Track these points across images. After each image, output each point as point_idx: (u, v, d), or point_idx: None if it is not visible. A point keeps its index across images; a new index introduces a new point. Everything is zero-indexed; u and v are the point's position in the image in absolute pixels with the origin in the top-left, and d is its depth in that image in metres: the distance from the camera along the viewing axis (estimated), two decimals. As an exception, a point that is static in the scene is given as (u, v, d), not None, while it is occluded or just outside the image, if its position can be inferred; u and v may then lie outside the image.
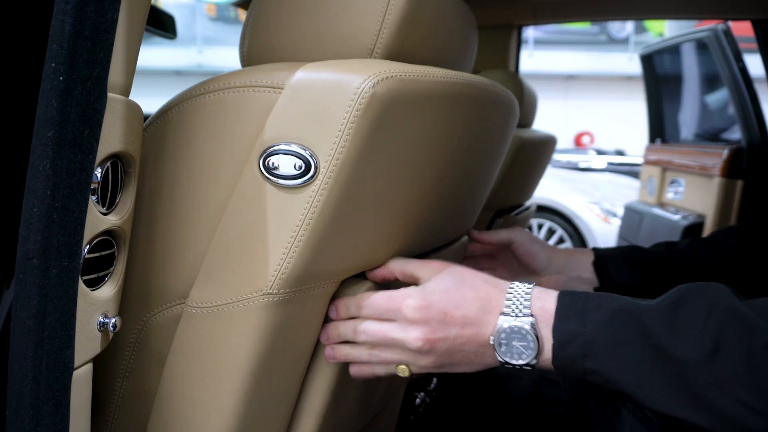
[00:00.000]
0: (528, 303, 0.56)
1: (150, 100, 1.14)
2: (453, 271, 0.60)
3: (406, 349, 0.58)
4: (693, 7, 1.88)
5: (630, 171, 7.12)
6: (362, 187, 0.54)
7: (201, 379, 0.57)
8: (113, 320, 0.51)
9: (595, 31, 11.91)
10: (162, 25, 1.78)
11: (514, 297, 0.57)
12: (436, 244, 0.77)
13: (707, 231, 2.24)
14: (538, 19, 2.01)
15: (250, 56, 0.61)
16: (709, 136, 2.72)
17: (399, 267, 0.63)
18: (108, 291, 0.52)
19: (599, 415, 0.80)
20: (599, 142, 12.22)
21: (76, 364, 0.47)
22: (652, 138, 2.96)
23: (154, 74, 10.07)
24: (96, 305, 0.50)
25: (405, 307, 0.57)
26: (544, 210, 4.13)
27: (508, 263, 0.93)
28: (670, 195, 2.66)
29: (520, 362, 0.56)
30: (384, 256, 0.64)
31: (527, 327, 0.55)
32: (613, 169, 8.11)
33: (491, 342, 0.57)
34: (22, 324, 0.44)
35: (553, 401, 0.88)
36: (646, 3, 1.91)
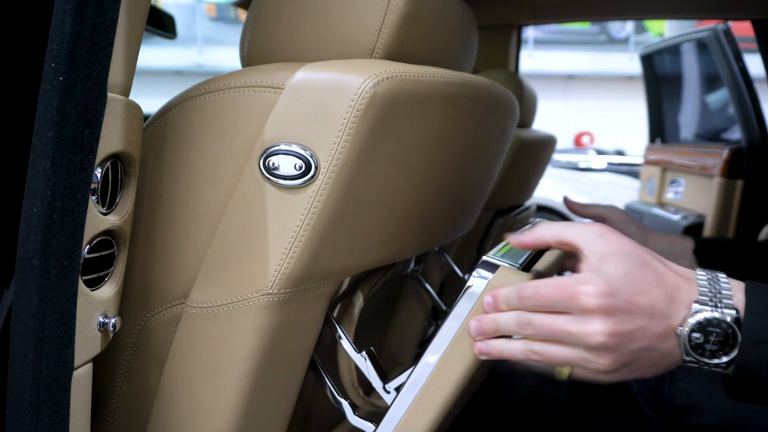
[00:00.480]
0: (729, 293, 0.48)
1: (150, 100, 1.14)
2: (628, 247, 0.50)
3: (582, 346, 0.49)
4: (693, 7, 1.88)
5: (630, 171, 7.11)
6: (362, 187, 0.54)
7: (201, 379, 0.57)
8: (113, 320, 0.51)
9: (595, 31, 11.90)
10: (162, 25, 1.78)
11: (710, 285, 0.49)
12: (436, 244, 0.77)
13: (707, 231, 2.24)
14: (538, 19, 2.01)
15: (250, 56, 0.61)
16: (709, 136, 2.72)
17: (554, 233, 0.53)
18: (108, 291, 0.52)
19: (598, 414, 0.80)
20: (599, 142, 12.22)
21: (76, 364, 0.47)
22: (652, 138, 2.96)
23: (154, 74, 10.06)
24: (96, 305, 0.50)
25: (582, 295, 0.48)
26: (544, 210, 4.13)
27: None
28: (670, 195, 2.66)
29: (714, 361, 0.48)
30: (384, 256, 0.64)
31: (729, 320, 0.47)
32: (613, 169, 8.11)
33: (680, 337, 0.48)
34: (22, 324, 0.44)
35: (552, 401, 0.88)
36: (646, 3, 1.91)
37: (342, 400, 0.67)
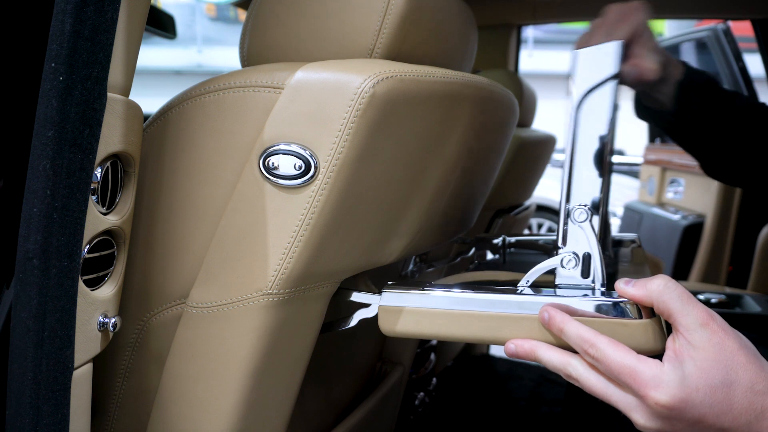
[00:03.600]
0: None
1: (150, 100, 1.14)
2: (726, 355, 0.45)
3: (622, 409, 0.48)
4: (693, 7, 1.88)
5: (630, 171, 7.11)
6: (362, 187, 0.54)
7: (201, 379, 0.57)
8: (113, 320, 0.51)
9: (595, 31, 11.89)
10: (162, 25, 1.78)
11: None
12: (435, 244, 0.77)
13: (707, 231, 2.24)
14: (538, 19, 2.01)
15: (250, 56, 0.61)
16: (709, 135, 2.71)
17: (660, 298, 0.49)
18: (108, 291, 0.52)
19: (597, 414, 0.80)
20: (599, 142, 12.20)
21: (76, 364, 0.47)
22: (652, 138, 2.96)
23: (154, 74, 10.07)
24: (96, 305, 0.50)
25: (652, 396, 0.45)
26: (544, 209, 4.13)
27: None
28: (669, 195, 2.66)
29: None
30: (384, 256, 0.64)
31: None
32: (613, 169, 8.09)
33: None
34: (22, 324, 0.44)
35: (552, 401, 0.88)
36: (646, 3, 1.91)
37: None
